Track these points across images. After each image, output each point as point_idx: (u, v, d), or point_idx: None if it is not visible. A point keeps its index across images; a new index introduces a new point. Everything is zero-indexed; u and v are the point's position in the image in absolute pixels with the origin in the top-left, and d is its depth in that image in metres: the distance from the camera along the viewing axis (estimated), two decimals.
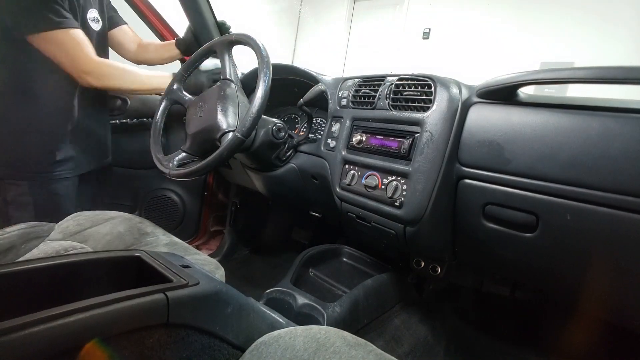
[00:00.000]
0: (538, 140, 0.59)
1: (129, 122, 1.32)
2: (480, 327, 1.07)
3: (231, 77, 0.86)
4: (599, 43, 3.02)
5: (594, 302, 0.63)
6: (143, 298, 0.35)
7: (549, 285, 0.73)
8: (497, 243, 0.68)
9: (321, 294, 0.87)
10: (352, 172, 0.83)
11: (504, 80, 0.64)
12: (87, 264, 0.42)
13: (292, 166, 1.00)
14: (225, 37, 0.89)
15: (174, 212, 1.45)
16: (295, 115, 1.20)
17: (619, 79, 0.52)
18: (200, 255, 0.76)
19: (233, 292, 0.46)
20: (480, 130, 0.67)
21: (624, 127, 0.51)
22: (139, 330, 0.34)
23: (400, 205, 0.73)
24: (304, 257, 1.00)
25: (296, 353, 0.39)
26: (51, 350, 0.29)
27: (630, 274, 0.54)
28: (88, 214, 0.82)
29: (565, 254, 0.60)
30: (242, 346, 0.44)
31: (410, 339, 0.91)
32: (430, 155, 0.69)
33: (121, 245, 0.77)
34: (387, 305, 0.94)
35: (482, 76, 0.74)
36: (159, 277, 0.41)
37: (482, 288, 1.09)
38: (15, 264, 0.37)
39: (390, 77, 0.81)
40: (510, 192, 0.62)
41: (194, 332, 0.39)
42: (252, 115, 0.74)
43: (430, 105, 0.71)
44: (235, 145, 0.74)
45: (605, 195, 0.52)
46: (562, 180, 0.56)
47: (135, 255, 0.45)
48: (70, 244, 0.68)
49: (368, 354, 0.40)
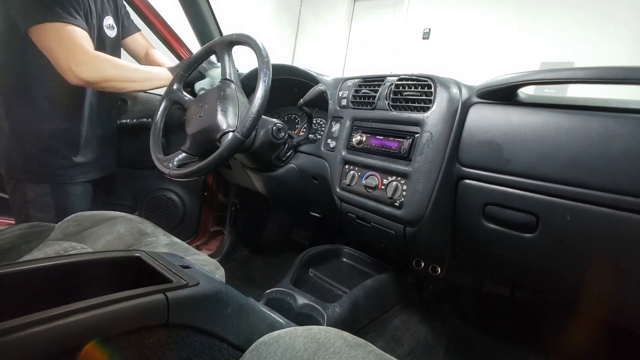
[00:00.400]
0: (538, 141, 0.59)
1: (129, 122, 1.32)
2: (480, 327, 1.07)
3: (231, 78, 0.86)
4: (599, 43, 3.02)
5: (593, 302, 0.63)
6: (143, 298, 0.35)
7: (549, 285, 0.73)
8: (497, 243, 0.68)
9: (321, 294, 0.87)
10: (352, 173, 0.83)
11: (504, 80, 0.64)
12: (87, 264, 0.42)
13: (292, 166, 1.00)
14: (225, 37, 0.89)
15: (174, 213, 1.45)
16: (295, 116, 1.20)
17: (619, 79, 0.52)
18: (200, 256, 0.76)
19: (233, 293, 0.46)
20: (480, 130, 0.67)
21: (623, 128, 0.51)
22: (139, 330, 0.34)
23: (400, 205, 0.73)
24: (304, 257, 1.00)
25: (296, 353, 0.39)
26: (51, 351, 0.29)
27: (630, 274, 0.54)
28: (88, 214, 0.83)
29: (565, 254, 0.60)
30: (242, 346, 0.44)
31: (410, 339, 0.91)
32: (430, 156, 0.69)
33: (121, 245, 0.77)
34: (387, 306, 0.94)
35: (482, 76, 0.74)
36: (159, 277, 0.41)
37: (482, 288, 1.09)
38: (15, 264, 0.37)
39: (390, 77, 0.81)
40: (510, 193, 0.62)
41: (194, 333, 0.39)
42: (252, 116, 0.74)
43: (430, 105, 0.71)
44: (235, 145, 0.74)
45: (605, 195, 0.52)
46: (562, 180, 0.56)
47: (135, 255, 0.45)
48: (70, 244, 0.68)
49: (368, 354, 0.40)
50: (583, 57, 3.07)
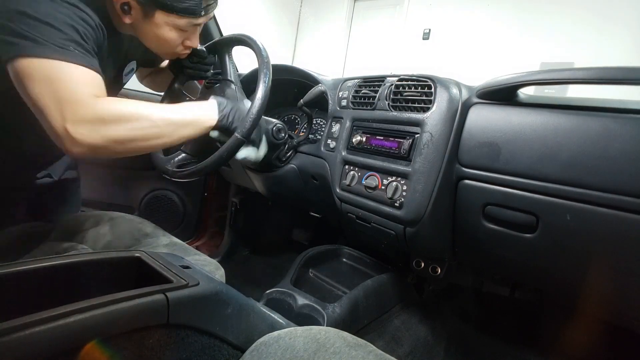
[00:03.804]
0: (538, 141, 0.59)
1: None
2: (480, 327, 1.07)
3: (231, 78, 0.86)
4: (599, 43, 3.02)
5: (593, 302, 0.63)
6: (143, 298, 0.35)
7: (549, 285, 0.73)
8: (497, 243, 0.68)
9: (321, 295, 0.87)
10: (352, 173, 0.83)
11: (504, 80, 0.65)
12: (87, 264, 0.42)
13: (292, 167, 1.00)
14: (225, 37, 0.89)
15: (174, 213, 1.45)
16: (295, 116, 1.20)
17: (618, 79, 0.52)
18: (200, 256, 0.76)
19: (233, 293, 0.46)
20: (480, 130, 0.67)
21: (623, 128, 0.51)
22: (139, 330, 0.34)
23: (400, 205, 0.73)
24: (304, 257, 1.00)
25: (296, 354, 0.39)
26: (51, 351, 0.29)
27: (630, 274, 0.54)
28: (88, 214, 0.83)
29: (565, 255, 0.60)
30: (242, 347, 0.44)
31: (410, 339, 0.91)
32: (430, 156, 0.69)
33: (121, 245, 0.77)
34: (387, 306, 0.94)
35: (482, 77, 0.74)
36: (159, 277, 0.41)
37: (482, 288, 1.09)
38: (15, 264, 0.37)
39: (390, 77, 0.81)
40: (510, 193, 0.62)
41: (194, 333, 0.39)
42: (252, 116, 0.74)
43: (430, 105, 0.71)
44: (235, 146, 0.74)
45: (604, 195, 0.52)
46: (561, 180, 0.56)
47: (135, 255, 0.45)
48: (70, 244, 0.68)
49: (368, 354, 0.40)
50: (583, 57, 3.06)
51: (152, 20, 0.70)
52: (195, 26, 0.76)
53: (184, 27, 0.74)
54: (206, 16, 0.74)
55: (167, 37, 0.74)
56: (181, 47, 0.79)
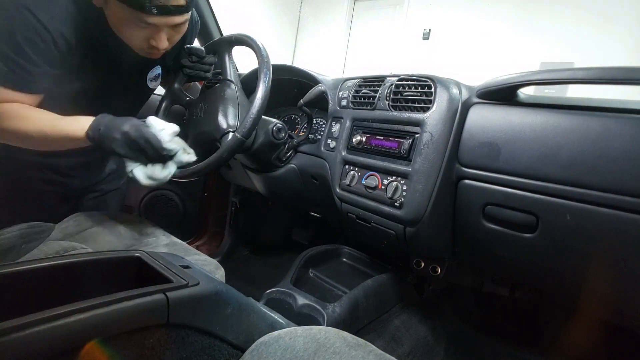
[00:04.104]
0: (538, 141, 0.59)
1: None
2: (480, 327, 1.07)
3: (231, 78, 0.86)
4: (599, 43, 3.02)
5: (594, 302, 0.63)
6: (143, 298, 0.35)
7: (549, 285, 0.73)
8: (497, 243, 0.68)
9: (321, 295, 0.87)
10: (352, 173, 0.83)
11: (504, 80, 0.64)
12: (87, 264, 0.42)
13: (292, 166, 1.00)
14: (225, 37, 0.89)
15: (174, 213, 1.45)
16: (295, 116, 1.20)
17: (618, 79, 0.52)
18: (200, 256, 0.77)
19: (233, 293, 0.46)
20: (480, 130, 0.67)
21: (623, 128, 0.51)
22: (139, 330, 0.34)
23: (400, 205, 0.73)
24: (304, 257, 1.00)
25: (296, 353, 0.39)
26: (51, 351, 0.29)
27: (630, 274, 0.54)
28: (88, 214, 0.83)
29: (565, 254, 0.60)
30: (242, 346, 0.44)
31: (410, 339, 0.91)
32: (430, 156, 0.69)
33: (121, 245, 0.77)
34: (387, 306, 0.94)
35: (482, 77, 0.74)
36: (159, 277, 0.41)
37: (482, 288, 1.09)
38: (15, 264, 0.37)
39: (390, 77, 0.81)
40: (510, 193, 0.62)
41: (194, 333, 0.39)
42: (252, 116, 0.74)
43: (430, 105, 0.71)
44: (235, 145, 0.74)
45: (605, 195, 0.52)
46: (562, 180, 0.56)
47: (135, 255, 0.45)
48: (70, 244, 0.68)
49: (368, 354, 0.40)
50: (583, 57, 3.06)
51: (110, 7, 0.68)
52: (156, 26, 0.69)
53: (137, 22, 0.67)
54: (161, 17, 0.67)
55: (125, 30, 0.71)
56: (146, 45, 0.73)
